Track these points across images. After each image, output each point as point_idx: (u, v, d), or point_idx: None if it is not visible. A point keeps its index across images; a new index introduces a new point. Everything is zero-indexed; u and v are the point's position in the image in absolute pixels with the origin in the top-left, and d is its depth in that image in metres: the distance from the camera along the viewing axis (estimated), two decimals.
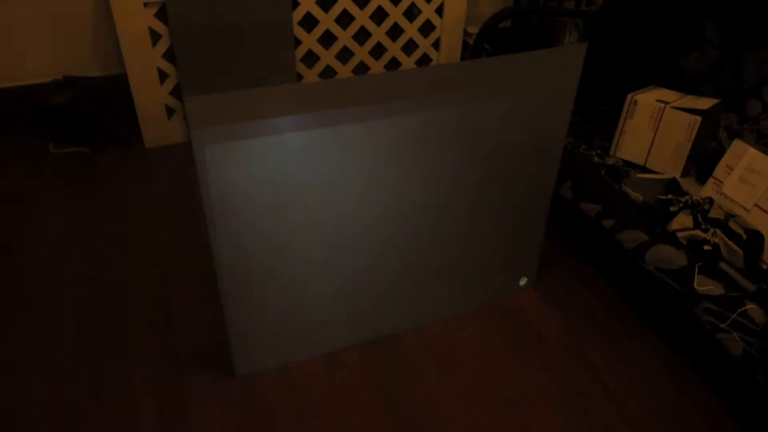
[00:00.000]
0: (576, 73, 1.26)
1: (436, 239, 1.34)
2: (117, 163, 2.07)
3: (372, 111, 1.09)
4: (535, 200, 1.43)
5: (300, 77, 2.21)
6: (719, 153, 1.66)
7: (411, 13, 2.27)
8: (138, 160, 2.09)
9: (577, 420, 1.27)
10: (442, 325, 1.49)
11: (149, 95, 2.03)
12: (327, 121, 1.07)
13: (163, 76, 2.04)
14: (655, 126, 1.63)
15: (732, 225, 1.39)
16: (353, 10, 2.15)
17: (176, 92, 2.09)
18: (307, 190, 1.13)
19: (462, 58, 2.44)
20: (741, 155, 1.44)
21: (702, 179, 1.61)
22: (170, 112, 2.12)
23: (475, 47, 2.03)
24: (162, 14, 1.93)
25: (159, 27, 1.94)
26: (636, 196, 1.52)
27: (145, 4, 1.88)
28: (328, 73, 2.27)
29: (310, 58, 2.21)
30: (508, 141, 1.28)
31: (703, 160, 1.64)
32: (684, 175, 1.62)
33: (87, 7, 2.08)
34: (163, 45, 1.98)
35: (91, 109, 2.11)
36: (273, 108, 1.02)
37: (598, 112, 1.94)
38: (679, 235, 1.39)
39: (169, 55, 2.01)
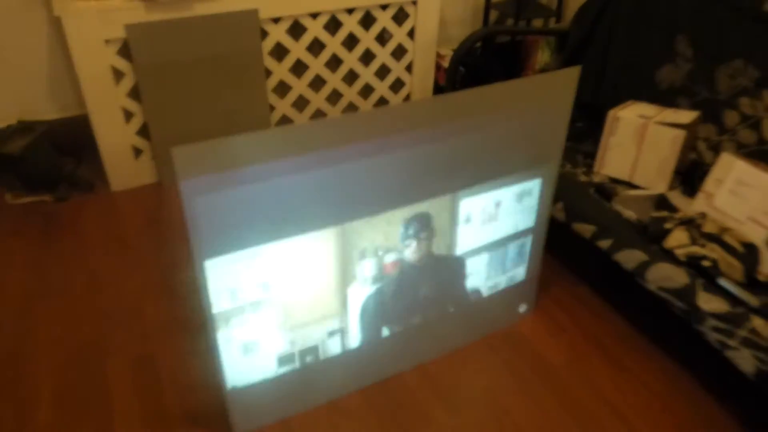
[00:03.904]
0: (570, 95, 1.24)
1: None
2: (83, 210, 1.95)
3: (366, 149, 1.04)
4: (533, 225, 1.40)
5: (272, 108, 2.15)
6: (700, 164, 1.67)
7: (382, 38, 2.23)
8: (105, 206, 1.97)
9: None
10: (445, 361, 1.43)
11: (114, 136, 1.93)
12: (319, 163, 1.02)
13: (128, 115, 1.94)
14: (639, 142, 1.62)
15: (727, 238, 1.39)
16: (324, 37, 2.10)
17: (143, 131, 1.99)
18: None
19: (435, 80, 2.41)
20: (730, 168, 1.44)
21: (687, 192, 1.61)
22: (137, 152, 2.02)
23: (450, 70, 2.00)
24: (125, 51, 1.84)
25: (122, 65, 1.85)
26: (629, 214, 1.51)
27: (106, 42, 1.79)
28: (301, 103, 2.21)
29: (282, 89, 2.15)
30: (507, 167, 1.24)
31: (684, 172, 1.65)
32: (669, 188, 1.61)
33: (40, 45, 1.96)
34: (127, 83, 1.89)
35: (50, 155, 1.98)
36: (262, 153, 0.96)
37: (576, 128, 1.93)
38: (677, 252, 1.38)
39: (134, 93, 1.91)
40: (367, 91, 2.33)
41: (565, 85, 1.21)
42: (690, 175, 1.66)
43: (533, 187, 1.33)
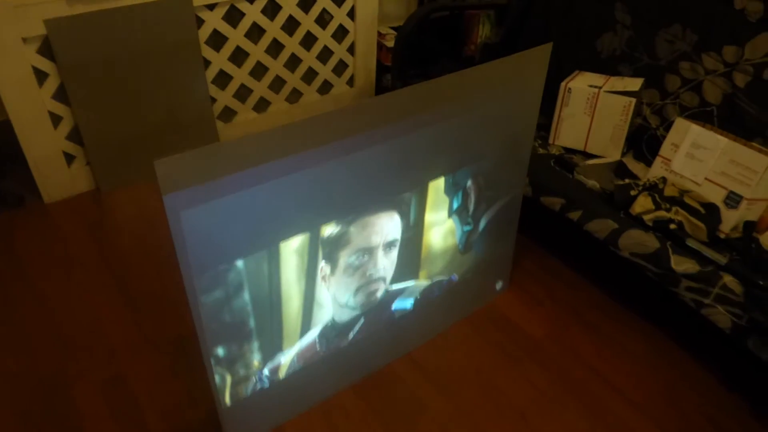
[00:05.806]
0: (542, 73, 1.23)
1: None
2: (14, 226, 1.77)
3: (351, 144, 0.99)
4: (509, 203, 1.41)
5: (213, 100, 2.02)
6: (645, 128, 1.73)
7: (323, 20, 2.15)
8: (39, 220, 1.80)
9: (591, 418, 1.27)
10: (432, 346, 1.43)
11: (42, 143, 1.76)
12: (306, 164, 0.96)
13: (56, 119, 1.77)
14: (591, 111, 1.66)
15: (687, 200, 1.45)
16: (263, 22, 1.99)
17: (74, 136, 1.82)
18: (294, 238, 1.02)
19: (377, 60, 2.36)
20: (685, 133, 1.50)
21: (638, 156, 1.67)
22: (69, 158, 1.85)
23: (397, 50, 1.96)
24: (46, 49, 1.66)
25: (44, 64, 1.67)
26: (592, 183, 1.55)
27: (24, 40, 1.61)
28: (244, 92, 2.10)
29: (223, 79, 2.03)
30: (484, 152, 1.23)
31: (631, 137, 1.70)
32: (622, 155, 1.67)
33: None
34: (52, 84, 1.71)
35: None
36: (247, 159, 0.89)
37: None
38: (644, 217, 1.43)
39: (61, 95, 1.74)
40: (310, 75, 2.24)
41: (538, 63, 1.21)
42: (637, 139, 1.72)
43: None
